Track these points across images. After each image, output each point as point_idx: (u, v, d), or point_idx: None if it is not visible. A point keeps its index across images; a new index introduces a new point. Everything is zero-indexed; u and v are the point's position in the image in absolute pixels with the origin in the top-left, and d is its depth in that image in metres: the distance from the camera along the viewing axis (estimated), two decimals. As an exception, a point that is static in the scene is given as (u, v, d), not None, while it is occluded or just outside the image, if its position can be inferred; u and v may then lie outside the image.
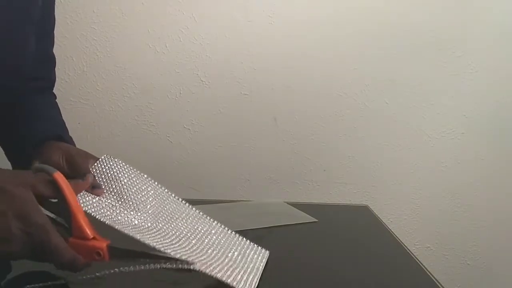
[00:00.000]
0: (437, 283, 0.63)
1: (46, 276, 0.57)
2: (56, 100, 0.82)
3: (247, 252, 0.64)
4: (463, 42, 1.39)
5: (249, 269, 0.59)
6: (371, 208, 1.09)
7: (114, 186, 0.61)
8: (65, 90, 1.33)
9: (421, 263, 0.71)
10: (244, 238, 0.67)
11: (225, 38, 1.37)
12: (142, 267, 0.52)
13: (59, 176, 0.50)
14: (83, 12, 1.31)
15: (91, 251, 0.51)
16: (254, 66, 1.38)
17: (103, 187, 0.60)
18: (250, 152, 1.41)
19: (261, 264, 0.62)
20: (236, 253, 0.62)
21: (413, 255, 0.75)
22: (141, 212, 0.61)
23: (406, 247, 0.79)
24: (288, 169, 1.43)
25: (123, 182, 0.62)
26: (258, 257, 0.64)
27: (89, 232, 0.51)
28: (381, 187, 1.45)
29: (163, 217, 0.63)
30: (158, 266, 0.52)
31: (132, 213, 0.60)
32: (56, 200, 0.51)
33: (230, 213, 0.94)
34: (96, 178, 0.61)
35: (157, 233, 0.58)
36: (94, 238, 0.51)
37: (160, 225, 0.61)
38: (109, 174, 0.62)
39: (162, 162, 1.38)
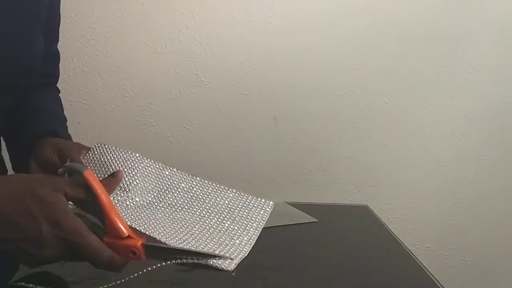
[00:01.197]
0: (437, 283, 0.63)
1: (52, 277, 0.57)
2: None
3: (246, 212, 0.65)
4: (463, 42, 1.39)
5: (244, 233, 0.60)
6: (371, 208, 1.09)
7: (108, 172, 0.61)
8: (65, 90, 1.32)
9: (421, 263, 0.71)
10: (243, 194, 0.69)
11: (225, 38, 1.37)
12: (176, 261, 0.52)
13: (89, 175, 0.49)
14: (83, 12, 1.31)
15: (127, 250, 0.49)
16: (254, 66, 1.38)
17: (97, 175, 0.61)
18: (250, 152, 1.41)
19: (260, 221, 0.63)
20: (229, 221, 0.62)
21: (413, 255, 0.75)
22: (141, 191, 0.62)
23: (406, 247, 0.79)
24: (288, 169, 1.43)
25: (117, 167, 0.63)
26: (259, 212, 0.65)
27: (124, 230, 0.49)
28: (381, 187, 1.45)
29: (164, 195, 0.64)
30: (190, 261, 0.52)
31: (133, 194, 0.61)
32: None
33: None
34: (89, 167, 0.61)
35: (163, 221, 0.59)
36: (129, 236, 0.49)
37: (161, 204, 0.62)
38: (102, 161, 0.63)
39: (162, 162, 1.38)
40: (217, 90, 1.38)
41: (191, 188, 0.67)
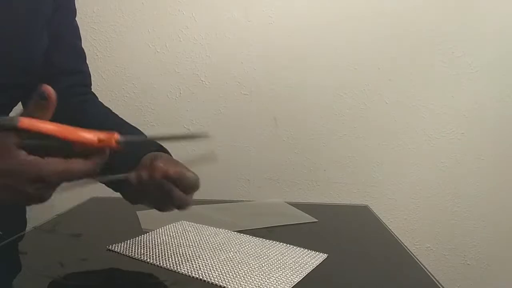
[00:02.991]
0: (437, 283, 0.63)
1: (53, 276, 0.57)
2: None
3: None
4: (463, 42, 1.39)
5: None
6: (371, 208, 1.09)
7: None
8: (65, 90, 1.33)
9: (421, 263, 0.71)
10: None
11: (225, 38, 1.37)
12: None
13: (24, 123, 0.45)
14: (83, 12, 1.31)
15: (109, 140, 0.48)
16: (254, 66, 1.38)
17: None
18: (250, 152, 1.41)
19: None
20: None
21: (413, 255, 0.75)
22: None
23: (406, 247, 0.79)
24: (288, 169, 1.43)
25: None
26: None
27: (93, 137, 0.48)
28: (381, 187, 1.45)
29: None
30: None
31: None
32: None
33: (230, 213, 0.94)
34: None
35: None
36: (100, 140, 0.48)
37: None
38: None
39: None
40: (217, 90, 1.38)
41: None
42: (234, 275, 0.58)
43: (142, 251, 0.67)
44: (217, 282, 0.56)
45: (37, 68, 0.68)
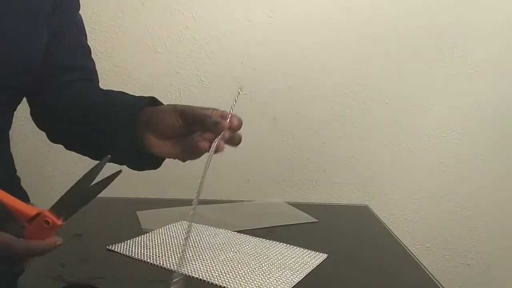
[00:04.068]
0: (437, 283, 0.63)
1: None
2: None
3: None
4: (463, 42, 1.39)
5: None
6: (371, 208, 1.09)
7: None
8: (65, 90, 1.32)
9: (421, 263, 0.71)
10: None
11: (225, 38, 1.37)
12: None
13: None
14: (83, 12, 1.30)
15: (41, 225, 0.49)
16: (254, 66, 1.38)
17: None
18: (250, 152, 1.41)
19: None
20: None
21: (413, 255, 0.75)
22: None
23: (406, 247, 0.79)
24: (288, 169, 1.43)
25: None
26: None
27: (30, 209, 0.49)
28: (381, 187, 1.45)
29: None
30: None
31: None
32: None
33: (230, 213, 0.94)
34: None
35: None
36: (37, 214, 0.49)
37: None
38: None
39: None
40: (217, 90, 1.38)
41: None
42: (234, 275, 0.58)
43: (142, 251, 0.67)
44: (217, 282, 0.56)
45: (37, 68, 0.67)
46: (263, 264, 0.63)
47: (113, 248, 0.68)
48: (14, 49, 0.62)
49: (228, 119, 0.59)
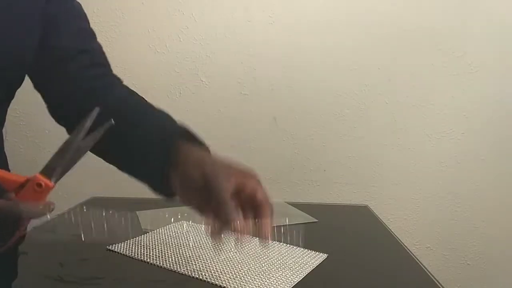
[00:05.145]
0: (437, 283, 0.63)
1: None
2: None
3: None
4: (463, 42, 1.39)
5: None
6: (371, 208, 1.09)
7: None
8: (65, 90, 1.32)
9: (421, 263, 0.71)
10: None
11: (225, 38, 1.37)
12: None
13: None
14: (83, 12, 1.31)
15: (34, 190, 0.48)
16: (254, 66, 1.38)
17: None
18: (250, 152, 1.41)
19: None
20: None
21: (413, 255, 0.75)
22: None
23: (406, 247, 0.79)
24: (288, 169, 1.43)
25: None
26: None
27: (17, 178, 0.48)
28: (381, 187, 1.45)
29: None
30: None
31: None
32: None
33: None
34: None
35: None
36: (27, 180, 0.48)
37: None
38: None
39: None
40: (217, 90, 1.38)
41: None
42: (234, 275, 0.58)
43: (142, 251, 0.67)
44: (217, 282, 0.56)
45: (31, 62, 0.67)
46: (263, 264, 0.63)
47: (113, 248, 0.68)
48: (5, 42, 0.62)
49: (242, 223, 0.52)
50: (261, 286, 0.56)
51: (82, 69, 0.71)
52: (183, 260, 0.63)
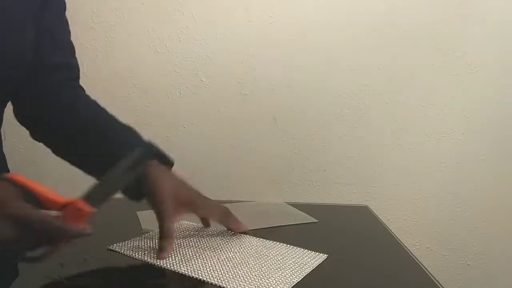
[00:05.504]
0: (437, 283, 0.63)
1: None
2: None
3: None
4: (463, 42, 1.39)
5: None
6: (371, 208, 1.09)
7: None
8: (65, 90, 1.32)
9: (421, 263, 0.71)
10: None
11: (225, 38, 1.37)
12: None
13: (14, 175, 0.52)
14: (83, 12, 1.31)
15: (72, 212, 0.51)
16: (254, 66, 1.38)
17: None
18: (250, 152, 1.41)
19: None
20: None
21: (413, 255, 0.75)
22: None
23: (406, 247, 0.79)
24: (288, 169, 1.43)
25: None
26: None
27: (60, 198, 0.52)
28: (381, 187, 1.45)
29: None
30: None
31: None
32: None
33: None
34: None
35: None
36: (67, 202, 0.52)
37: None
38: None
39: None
40: (217, 90, 1.38)
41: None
42: (234, 275, 0.58)
43: (143, 251, 0.67)
44: (216, 282, 0.56)
45: (27, 62, 0.67)
46: (263, 264, 0.63)
47: (113, 248, 0.68)
48: (3, 42, 0.62)
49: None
50: (260, 286, 0.56)
51: (61, 82, 0.74)
52: (184, 260, 0.63)
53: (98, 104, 0.78)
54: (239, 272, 0.59)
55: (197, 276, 0.58)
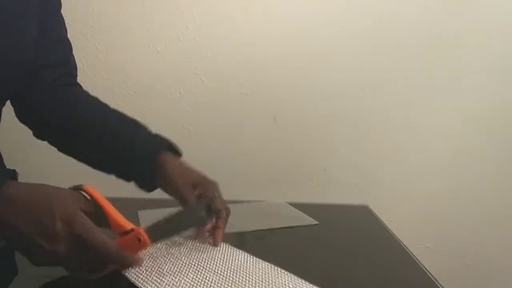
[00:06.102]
0: (437, 283, 0.63)
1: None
2: None
3: None
4: (463, 42, 1.39)
5: None
6: (371, 208, 1.09)
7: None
8: (65, 90, 1.32)
9: (421, 263, 0.71)
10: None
11: (225, 38, 1.37)
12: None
13: (90, 189, 0.54)
14: (83, 12, 1.31)
15: (133, 241, 0.52)
16: (254, 66, 1.38)
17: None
18: (250, 152, 1.41)
19: None
20: None
21: (413, 255, 0.75)
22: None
23: (406, 247, 0.79)
24: (288, 169, 1.43)
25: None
26: None
27: (127, 224, 0.53)
28: (381, 187, 1.45)
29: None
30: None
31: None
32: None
33: (231, 214, 0.94)
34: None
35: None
36: (132, 229, 0.53)
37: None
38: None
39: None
40: (217, 90, 1.38)
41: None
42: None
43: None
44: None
45: (29, 61, 0.67)
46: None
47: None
48: (5, 42, 0.62)
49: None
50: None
51: (58, 79, 0.74)
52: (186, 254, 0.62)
53: (99, 99, 0.79)
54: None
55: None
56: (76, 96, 0.77)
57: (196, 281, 0.54)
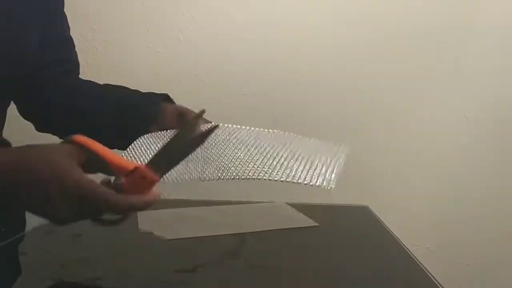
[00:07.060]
0: (437, 283, 0.63)
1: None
2: None
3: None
4: (463, 43, 1.39)
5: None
6: (371, 208, 1.09)
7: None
8: (65, 90, 1.32)
9: (421, 263, 0.71)
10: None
11: (225, 38, 1.37)
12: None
13: (80, 137, 0.50)
14: (83, 12, 1.31)
15: (138, 181, 0.48)
16: (254, 66, 1.38)
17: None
18: (250, 152, 1.41)
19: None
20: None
21: (413, 255, 0.75)
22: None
23: (406, 247, 0.79)
24: (288, 169, 1.43)
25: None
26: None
27: (129, 163, 0.50)
28: (381, 187, 1.45)
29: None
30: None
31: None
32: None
33: (230, 215, 0.94)
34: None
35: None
36: (136, 169, 0.49)
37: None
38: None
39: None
40: (217, 90, 1.38)
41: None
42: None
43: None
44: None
45: (32, 59, 0.67)
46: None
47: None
48: (9, 42, 0.62)
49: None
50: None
51: (61, 75, 0.76)
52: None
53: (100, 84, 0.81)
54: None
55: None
56: (75, 81, 0.79)
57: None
